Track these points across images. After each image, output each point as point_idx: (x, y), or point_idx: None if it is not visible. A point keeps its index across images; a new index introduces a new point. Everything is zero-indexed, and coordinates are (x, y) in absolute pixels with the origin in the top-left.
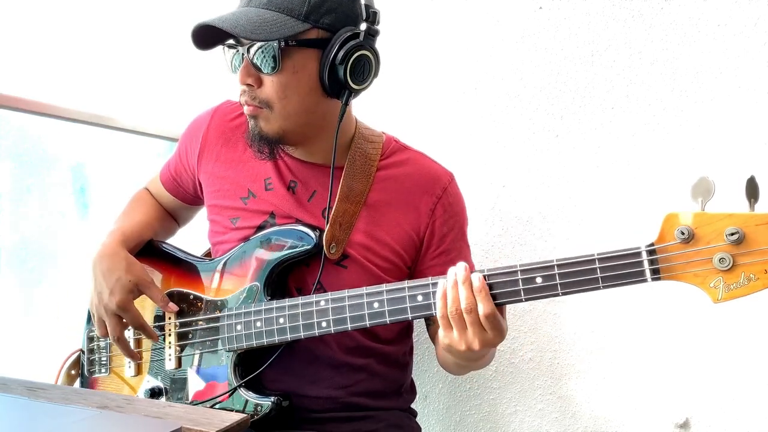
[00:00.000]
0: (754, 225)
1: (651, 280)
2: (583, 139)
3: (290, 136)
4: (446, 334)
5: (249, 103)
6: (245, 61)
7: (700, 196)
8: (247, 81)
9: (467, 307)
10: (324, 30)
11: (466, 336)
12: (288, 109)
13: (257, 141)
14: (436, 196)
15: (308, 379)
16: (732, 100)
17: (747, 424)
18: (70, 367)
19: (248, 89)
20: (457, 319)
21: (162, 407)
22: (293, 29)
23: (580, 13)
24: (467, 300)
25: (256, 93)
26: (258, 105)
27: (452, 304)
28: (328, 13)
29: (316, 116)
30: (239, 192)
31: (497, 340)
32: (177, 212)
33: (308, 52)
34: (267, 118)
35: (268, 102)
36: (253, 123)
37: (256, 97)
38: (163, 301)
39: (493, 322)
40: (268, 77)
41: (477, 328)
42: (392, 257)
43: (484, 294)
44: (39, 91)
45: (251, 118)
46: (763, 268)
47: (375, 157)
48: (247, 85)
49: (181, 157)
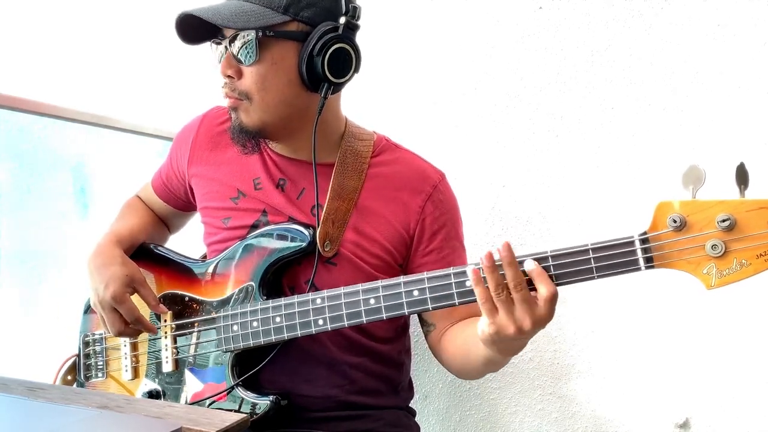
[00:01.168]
0: (745, 211)
1: (644, 268)
2: (583, 139)
3: (271, 129)
4: (491, 321)
5: (229, 95)
6: (227, 54)
7: (691, 184)
8: (228, 72)
9: (516, 285)
10: (304, 23)
11: (514, 316)
12: (267, 101)
13: (238, 134)
14: (426, 193)
15: (305, 378)
16: (732, 100)
17: (747, 424)
18: (66, 373)
19: (229, 81)
20: (505, 300)
21: (162, 407)
22: (272, 20)
23: (580, 13)
24: (516, 279)
25: (236, 84)
26: (238, 97)
27: (496, 287)
28: (308, 7)
29: (296, 109)
30: (228, 192)
31: (550, 317)
32: (169, 219)
33: (287, 44)
34: (247, 110)
35: (247, 93)
36: (234, 115)
37: (236, 89)
38: (155, 302)
39: (554, 303)
40: (247, 69)
41: (527, 305)
42: (382, 254)
43: (544, 276)
44: (39, 91)
45: (232, 110)
46: (755, 254)
47: (366, 154)
48: (228, 77)
49: (171, 164)
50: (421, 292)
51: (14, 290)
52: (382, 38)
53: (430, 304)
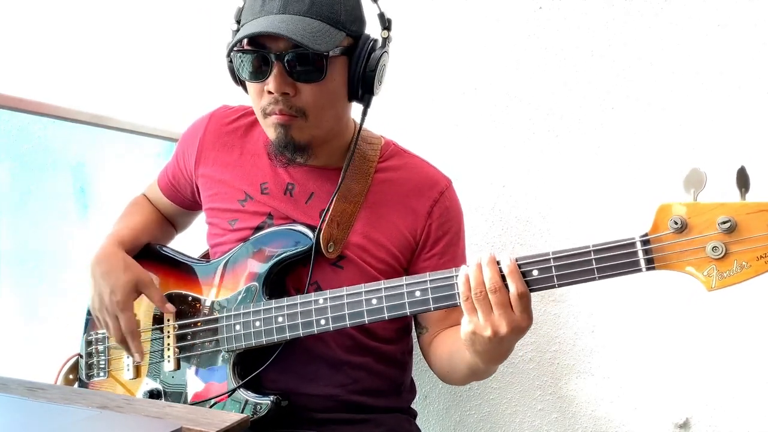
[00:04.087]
0: (745, 213)
1: (645, 270)
2: (583, 139)
3: (317, 143)
4: (470, 319)
5: (284, 112)
6: (279, 70)
7: (692, 187)
8: (284, 90)
9: (492, 287)
10: (351, 37)
11: (492, 319)
12: (321, 117)
13: (284, 149)
14: (434, 199)
15: (307, 378)
16: (732, 100)
17: (747, 424)
18: (68, 372)
19: (282, 98)
20: (482, 300)
21: (162, 407)
22: (337, 38)
23: (580, 13)
24: (492, 280)
25: (293, 101)
26: (294, 114)
27: (477, 285)
28: (355, 21)
29: (341, 122)
30: (236, 195)
31: (525, 324)
32: (175, 218)
33: (341, 60)
34: (300, 127)
35: (304, 110)
36: (283, 131)
37: (292, 106)
38: (162, 301)
39: (524, 303)
40: (306, 86)
41: (503, 309)
42: (388, 259)
43: (517, 275)
44: (39, 91)
45: (281, 126)
46: (755, 255)
47: (373, 159)
48: (283, 94)
49: (178, 162)
50: (423, 293)
51: (14, 290)
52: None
53: (432, 304)
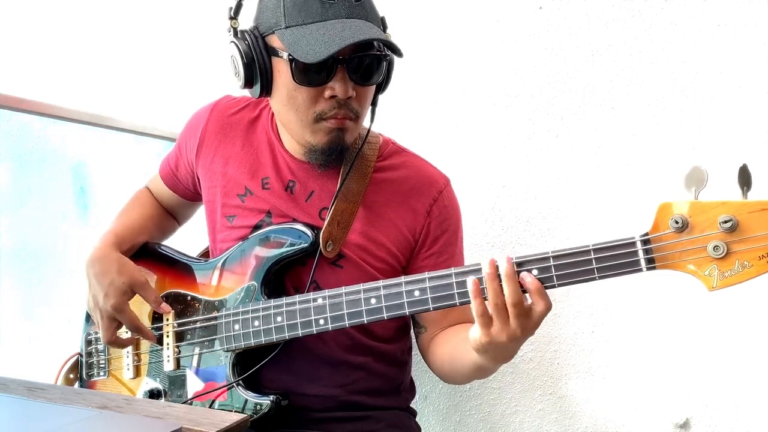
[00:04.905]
0: (747, 212)
1: (646, 269)
2: (583, 139)
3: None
4: (486, 332)
5: (348, 116)
6: (343, 74)
7: (693, 185)
8: (350, 94)
9: (514, 301)
10: None
11: (508, 328)
12: (363, 119)
13: (332, 152)
14: (433, 197)
15: (307, 378)
16: (732, 100)
17: (747, 424)
18: (69, 371)
19: (346, 102)
20: (501, 311)
21: (162, 407)
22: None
23: (580, 13)
24: (515, 295)
25: (352, 105)
26: (351, 117)
27: (495, 296)
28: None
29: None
30: (236, 189)
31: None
32: (176, 209)
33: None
34: (352, 130)
35: (358, 113)
36: (340, 135)
37: (352, 109)
38: (157, 301)
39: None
40: (363, 88)
41: (522, 318)
42: (388, 258)
43: (542, 293)
44: (39, 91)
45: (338, 131)
46: (757, 255)
47: (372, 158)
48: (348, 98)
49: (180, 152)
50: (422, 292)
51: (14, 290)
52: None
53: (431, 304)
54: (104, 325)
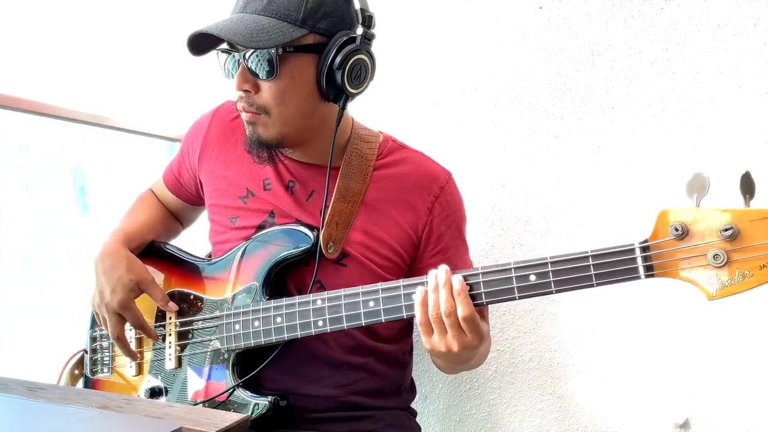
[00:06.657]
0: (749, 221)
1: (644, 277)
2: (583, 139)
3: (288, 141)
4: (426, 339)
5: (246, 109)
6: (241, 68)
7: (695, 192)
8: (244, 87)
9: (446, 311)
10: (320, 35)
11: (445, 339)
12: (286, 115)
13: (255, 147)
14: (434, 194)
15: (307, 379)
16: (732, 100)
17: (747, 424)
18: (74, 367)
19: (245, 95)
20: (438, 323)
21: (162, 407)
22: (290, 35)
23: (580, 13)
24: (447, 303)
25: (254, 99)
26: (255, 111)
27: (433, 308)
28: (324, 18)
29: (313, 120)
30: (238, 191)
31: (476, 343)
32: (180, 213)
33: (305, 58)
34: (265, 124)
35: (265, 108)
36: (251, 129)
37: (253, 104)
38: (164, 300)
39: (472, 325)
40: (265, 83)
41: (456, 331)
42: (391, 255)
43: (464, 296)
44: (39, 91)
45: (249, 124)
46: (758, 264)
47: (371, 157)
48: (244, 92)
49: (183, 157)
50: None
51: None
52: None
53: None
54: (111, 321)
